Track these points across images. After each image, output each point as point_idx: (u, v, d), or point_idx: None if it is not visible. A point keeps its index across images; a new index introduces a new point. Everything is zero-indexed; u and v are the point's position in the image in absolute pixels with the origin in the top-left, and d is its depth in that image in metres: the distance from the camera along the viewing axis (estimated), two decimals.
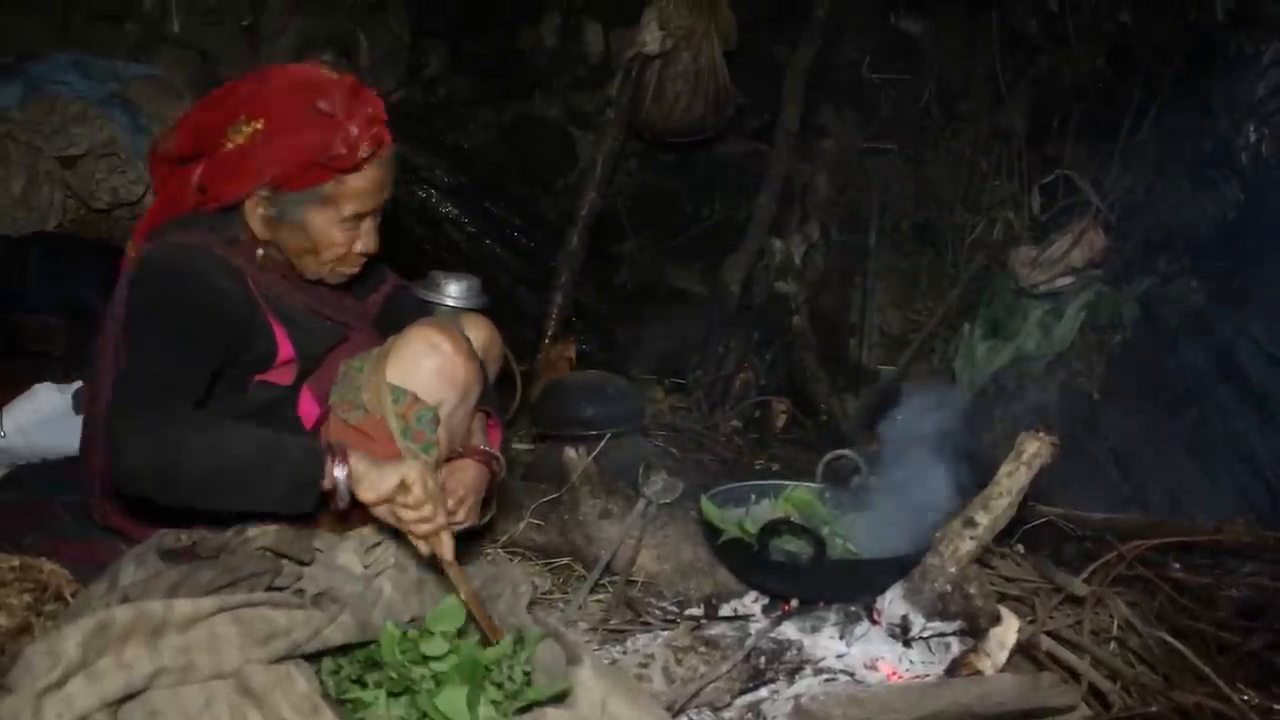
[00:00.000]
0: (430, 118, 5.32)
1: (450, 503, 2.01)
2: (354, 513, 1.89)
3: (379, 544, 1.78)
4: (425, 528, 1.75)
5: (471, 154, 5.34)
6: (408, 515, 1.74)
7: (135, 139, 3.78)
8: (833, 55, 5.37)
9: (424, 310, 2.58)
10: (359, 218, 2.06)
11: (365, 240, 2.10)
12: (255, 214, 2.01)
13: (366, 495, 1.75)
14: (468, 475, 2.19)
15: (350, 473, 1.76)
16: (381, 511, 1.78)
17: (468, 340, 2.18)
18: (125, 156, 3.74)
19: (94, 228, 3.80)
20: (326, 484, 1.76)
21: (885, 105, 5.45)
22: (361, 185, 2.01)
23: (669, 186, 5.62)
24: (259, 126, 1.94)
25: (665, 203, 5.61)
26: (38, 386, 2.88)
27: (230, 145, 1.96)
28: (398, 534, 1.81)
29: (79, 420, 2.93)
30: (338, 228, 2.04)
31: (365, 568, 1.71)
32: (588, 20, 5.49)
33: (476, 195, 4.99)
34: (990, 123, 5.09)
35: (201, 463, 1.74)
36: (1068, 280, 4.42)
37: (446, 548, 1.76)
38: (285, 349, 2.10)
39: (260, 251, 2.07)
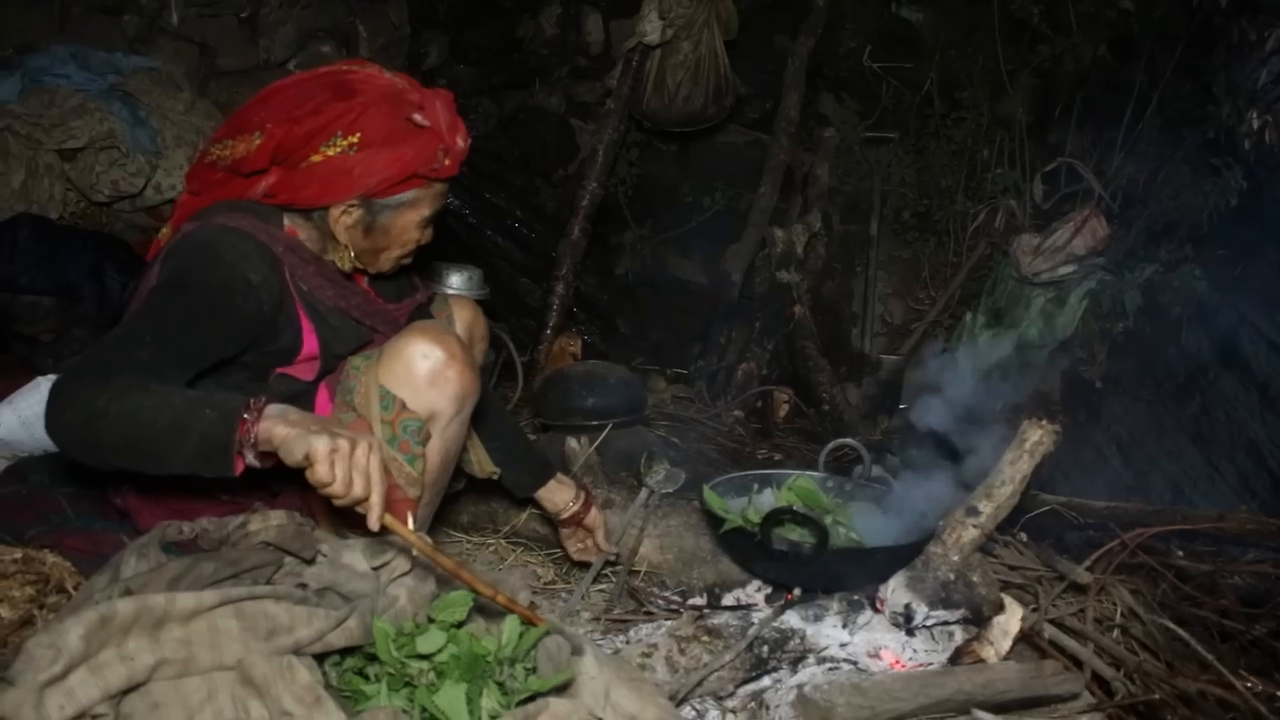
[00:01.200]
0: None
1: None
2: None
3: (390, 556, 1.74)
4: (339, 502, 1.64)
5: (472, 144, 5.31)
6: (319, 490, 1.64)
7: (135, 131, 3.78)
8: (834, 44, 5.37)
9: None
10: (434, 216, 2.15)
11: (426, 235, 2.19)
12: (340, 221, 2.05)
13: (285, 460, 1.66)
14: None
15: (265, 438, 1.67)
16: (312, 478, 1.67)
17: (464, 346, 2.15)
18: (125, 149, 3.74)
19: (94, 220, 3.81)
20: (234, 448, 1.67)
21: (886, 94, 5.45)
22: (443, 189, 2.13)
23: (670, 176, 5.62)
24: (354, 140, 1.97)
25: (666, 192, 5.61)
26: (40, 379, 2.89)
27: (318, 158, 1.98)
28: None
29: None
30: (416, 228, 2.13)
31: (374, 569, 1.70)
32: (588, 10, 5.49)
33: (477, 186, 4.99)
34: (992, 111, 5.09)
35: (118, 429, 1.69)
36: (1070, 268, 4.42)
37: (371, 518, 1.63)
38: (310, 344, 2.09)
39: (339, 257, 2.12)
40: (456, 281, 3.83)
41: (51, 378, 2.92)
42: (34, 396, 2.90)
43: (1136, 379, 4.09)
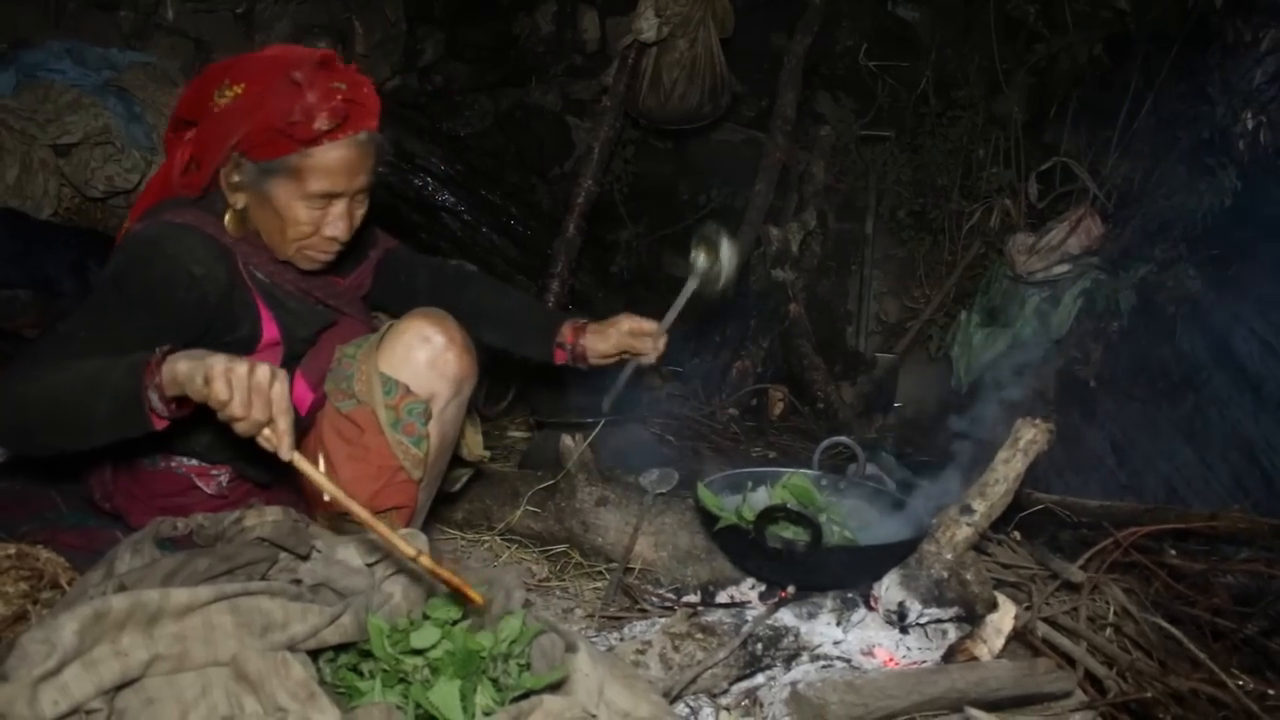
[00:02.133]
0: (426, 105, 5.31)
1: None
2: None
3: (385, 553, 1.74)
4: (241, 426, 1.61)
5: (467, 142, 5.33)
6: (220, 414, 1.62)
7: (130, 127, 3.77)
8: (830, 42, 5.36)
9: (423, 262, 2.58)
10: (326, 198, 2.02)
11: (334, 225, 2.06)
12: (228, 182, 2.01)
13: (192, 396, 1.64)
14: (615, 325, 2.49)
15: (170, 378, 1.66)
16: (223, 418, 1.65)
17: (461, 330, 2.17)
18: (120, 145, 3.73)
19: (89, 216, 3.79)
20: (145, 398, 1.68)
21: (882, 93, 5.44)
22: (326, 162, 1.98)
23: (665, 174, 5.62)
24: (239, 90, 1.95)
25: (662, 190, 5.61)
26: None
27: (216, 109, 1.98)
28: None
29: None
30: (302, 204, 2.01)
31: (369, 565, 1.70)
32: (584, 7, 5.48)
33: (473, 183, 4.98)
34: (987, 110, 5.09)
35: (40, 409, 1.72)
36: (1065, 268, 4.43)
37: (281, 446, 1.62)
38: (270, 331, 2.10)
39: (228, 218, 2.05)
40: None
41: None
42: None
43: (1131, 378, 4.10)
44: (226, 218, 2.05)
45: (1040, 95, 4.96)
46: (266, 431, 1.63)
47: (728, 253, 2.66)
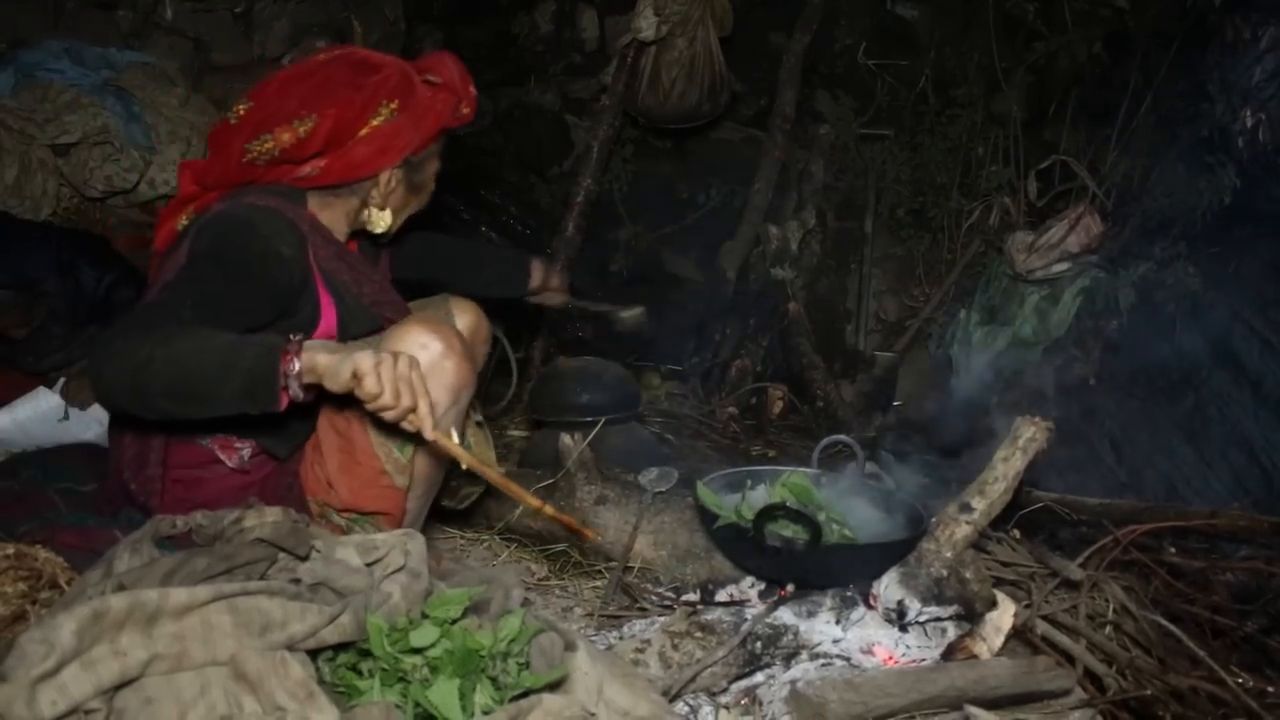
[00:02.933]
0: None
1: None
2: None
3: (383, 553, 1.75)
4: (391, 414, 1.77)
5: (466, 141, 5.33)
6: (370, 405, 1.77)
7: (128, 127, 3.77)
8: (829, 41, 5.36)
9: (427, 244, 2.73)
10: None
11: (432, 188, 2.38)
12: (387, 185, 2.22)
13: (331, 386, 1.76)
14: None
15: (309, 367, 1.76)
16: (370, 406, 1.79)
17: (460, 338, 2.16)
18: (118, 144, 3.73)
19: (88, 216, 3.79)
20: (279, 378, 1.76)
21: (881, 91, 5.44)
22: (445, 137, 2.30)
23: (665, 173, 5.62)
24: (395, 106, 2.13)
25: (661, 189, 5.60)
26: (40, 389, 3.02)
27: (365, 130, 2.11)
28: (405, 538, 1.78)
29: (72, 418, 2.97)
30: (434, 178, 2.35)
31: (368, 565, 1.70)
32: (583, 6, 5.48)
33: (471, 182, 4.98)
34: (987, 108, 5.09)
35: (165, 373, 1.75)
36: (1064, 266, 4.43)
37: (425, 426, 1.80)
38: (329, 319, 2.14)
39: (380, 216, 2.27)
40: None
41: (45, 389, 2.96)
42: (32, 403, 2.96)
43: (1130, 376, 4.10)
44: (374, 219, 2.27)
45: (1039, 93, 4.97)
46: (411, 415, 1.79)
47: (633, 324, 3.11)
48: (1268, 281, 3.68)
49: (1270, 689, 2.01)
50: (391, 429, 2.04)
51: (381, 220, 2.27)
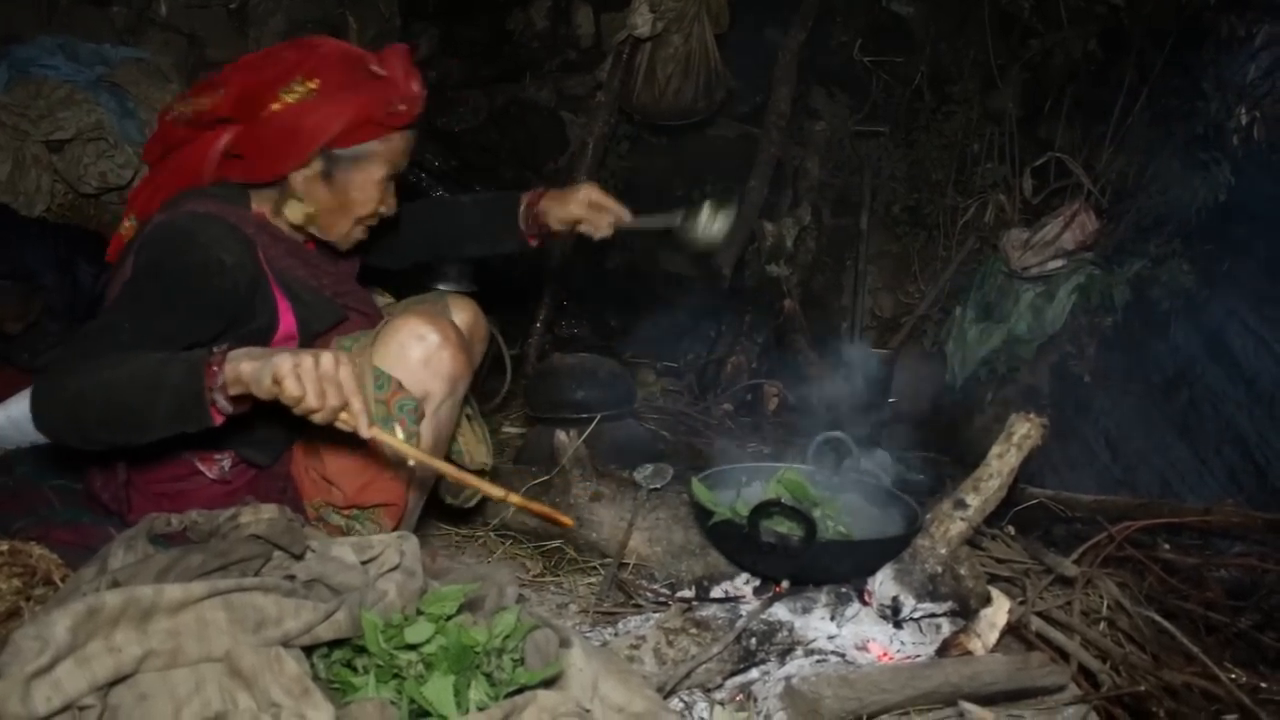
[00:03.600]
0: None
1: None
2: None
3: (378, 551, 1.74)
4: (319, 416, 1.69)
5: (462, 137, 5.33)
6: (296, 410, 1.69)
7: (123, 123, 3.76)
8: (824, 38, 5.36)
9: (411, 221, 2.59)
10: (392, 178, 2.12)
11: (389, 202, 2.15)
12: (300, 174, 2.04)
13: (258, 394, 1.69)
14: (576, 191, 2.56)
15: (233, 378, 1.70)
16: (298, 411, 1.71)
17: (457, 330, 2.17)
18: (113, 140, 3.72)
19: (82, 212, 3.78)
20: (205, 396, 1.71)
21: (877, 88, 5.45)
22: (401, 145, 2.08)
23: (660, 170, 5.61)
24: (314, 86, 1.97)
25: (656, 186, 5.60)
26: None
27: (278, 105, 1.97)
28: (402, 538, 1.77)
29: None
30: (374, 186, 2.09)
31: (363, 563, 1.70)
32: (578, 3, 5.47)
33: (467, 178, 4.98)
34: (982, 105, 5.09)
35: (98, 404, 1.74)
36: (1059, 263, 4.43)
37: (360, 425, 1.71)
38: (287, 322, 2.10)
39: (292, 209, 2.09)
40: (447, 274, 3.83)
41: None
42: (26, 400, 2.93)
43: (1125, 373, 4.11)
44: (290, 208, 2.09)
45: (1035, 90, 4.97)
46: (343, 415, 1.71)
47: (721, 225, 2.74)
48: (1262, 279, 3.68)
49: (1264, 684, 2.01)
50: (392, 423, 2.04)
51: (294, 210, 2.09)
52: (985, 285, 4.78)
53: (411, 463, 1.72)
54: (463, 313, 2.44)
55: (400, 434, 2.06)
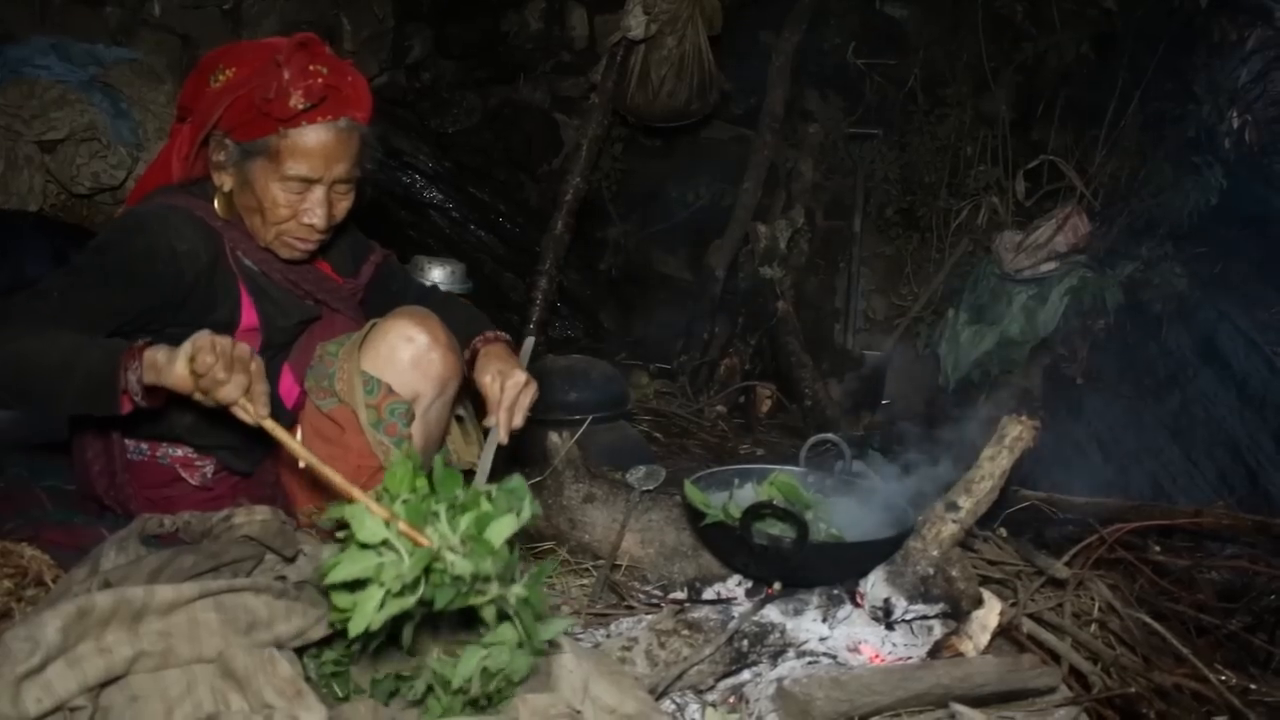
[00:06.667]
0: (414, 103, 5.30)
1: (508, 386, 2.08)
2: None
3: None
4: (225, 390, 1.69)
5: (455, 139, 5.33)
6: (214, 391, 1.70)
7: (116, 123, 3.75)
8: (818, 40, 5.37)
9: (409, 278, 2.57)
10: (304, 182, 2.01)
11: (311, 212, 2.04)
12: (213, 161, 2.04)
13: (174, 383, 1.73)
14: (501, 354, 2.22)
15: (149, 364, 1.75)
16: (199, 397, 1.73)
17: (447, 331, 2.16)
18: (106, 141, 3.71)
19: (75, 213, 3.78)
20: (119, 381, 1.74)
21: (870, 90, 5.46)
22: (303, 144, 1.98)
23: (654, 171, 5.62)
24: (230, 74, 1.98)
25: (650, 188, 5.61)
26: None
27: (208, 93, 2.01)
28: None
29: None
30: (279, 186, 2.00)
31: None
32: (572, 4, 5.48)
33: (461, 180, 4.98)
34: (975, 108, 5.11)
35: (7, 372, 1.77)
36: (1052, 265, 4.44)
37: (259, 406, 1.71)
38: (249, 317, 2.10)
39: (216, 200, 2.08)
40: (439, 276, 3.82)
41: None
42: None
43: (1117, 375, 4.12)
44: (215, 200, 2.08)
45: (1028, 93, 4.99)
46: (243, 400, 1.71)
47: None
48: (1253, 281, 3.70)
49: (1254, 686, 2.02)
50: (384, 427, 2.04)
51: (218, 202, 2.07)
52: (978, 287, 4.79)
53: (302, 465, 1.66)
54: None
55: (389, 439, 2.06)
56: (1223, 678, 2.00)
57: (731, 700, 1.98)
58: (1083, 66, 4.70)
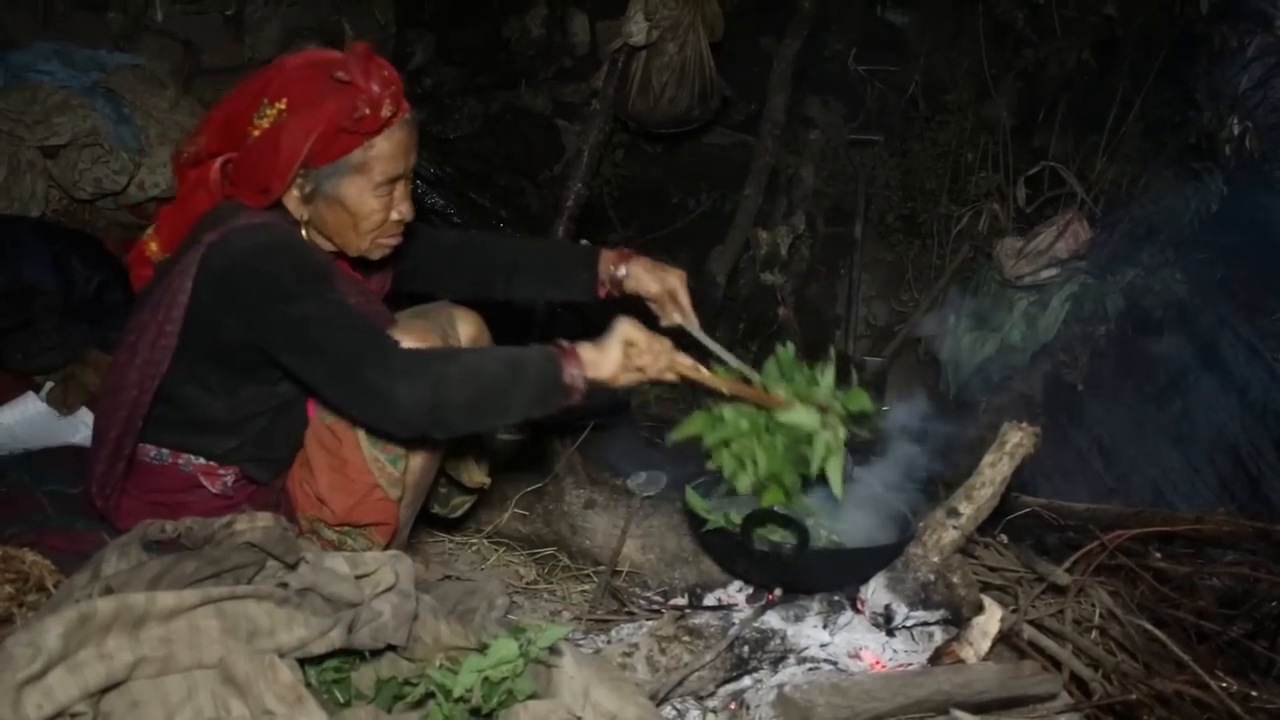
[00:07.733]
0: (416, 108, 5.30)
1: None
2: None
3: (372, 569, 1.72)
4: (662, 363, 1.99)
5: (457, 144, 5.33)
6: (649, 365, 1.98)
7: (118, 129, 3.76)
8: (819, 47, 5.37)
9: (434, 235, 2.56)
10: (391, 182, 2.05)
11: (401, 206, 2.09)
12: (292, 196, 2.01)
13: (609, 373, 1.95)
14: (647, 265, 2.55)
15: (590, 361, 1.93)
16: (628, 379, 1.99)
17: (458, 341, 2.17)
18: (108, 146, 3.72)
19: (77, 218, 3.78)
20: (565, 379, 1.90)
21: (871, 97, 5.45)
22: (388, 148, 2.02)
23: (655, 178, 5.62)
24: (282, 107, 1.93)
25: (651, 194, 5.61)
26: (29, 394, 3.00)
27: (257, 132, 1.95)
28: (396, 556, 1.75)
29: (60, 421, 2.95)
30: (372, 195, 2.03)
31: (357, 577, 1.69)
32: (574, 11, 5.48)
33: (462, 186, 4.98)
34: (976, 114, 5.10)
35: (463, 388, 1.84)
36: (1052, 272, 4.44)
37: (686, 365, 2.06)
38: None
39: (303, 233, 2.07)
40: None
41: (33, 395, 2.95)
42: (20, 407, 2.95)
43: (1118, 382, 4.12)
44: (304, 232, 2.08)
45: (1028, 100, 4.98)
46: (674, 362, 2.03)
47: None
48: (1255, 288, 3.70)
49: (1255, 693, 2.02)
50: (380, 444, 2.04)
51: (306, 233, 2.07)
52: (979, 294, 4.78)
53: (726, 392, 2.17)
54: (467, 325, 2.38)
55: (385, 457, 2.06)
56: (1224, 685, 2.01)
57: (732, 706, 1.99)
58: (1083, 73, 4.70)
